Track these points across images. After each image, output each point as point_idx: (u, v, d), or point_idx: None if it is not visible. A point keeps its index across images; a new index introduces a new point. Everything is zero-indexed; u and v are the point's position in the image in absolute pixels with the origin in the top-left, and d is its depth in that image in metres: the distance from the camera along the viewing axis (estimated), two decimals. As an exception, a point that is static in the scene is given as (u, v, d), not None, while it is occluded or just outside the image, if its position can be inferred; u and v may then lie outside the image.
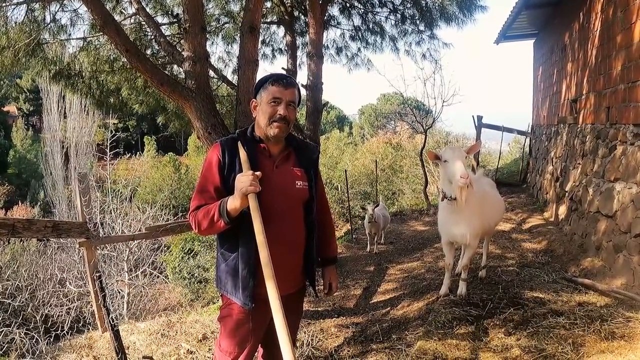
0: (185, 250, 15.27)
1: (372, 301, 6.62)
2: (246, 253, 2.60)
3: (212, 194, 2.62)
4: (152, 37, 7.79)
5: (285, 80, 2.69)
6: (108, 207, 9.57)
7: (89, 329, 6.45)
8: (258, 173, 2.45)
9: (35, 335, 5.98)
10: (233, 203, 2.44)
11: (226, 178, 2.62)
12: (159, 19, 8.60)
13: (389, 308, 6.07)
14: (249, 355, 2.82)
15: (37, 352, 5.66)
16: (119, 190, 10.84)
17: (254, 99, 2.75)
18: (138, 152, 38.44)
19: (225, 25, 10.27)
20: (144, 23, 7.60)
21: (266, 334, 2.81)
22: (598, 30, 6.74)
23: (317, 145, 3.12)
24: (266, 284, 2.28)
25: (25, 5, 6.75)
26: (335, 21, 11.02)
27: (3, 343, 6.07)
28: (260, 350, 3.07)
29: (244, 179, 2.41)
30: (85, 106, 22.35)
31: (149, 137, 44.86)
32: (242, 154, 2.61)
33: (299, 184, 2.75)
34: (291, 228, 2.73)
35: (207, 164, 2.70)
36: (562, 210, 7.82)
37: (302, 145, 2.89)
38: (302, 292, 3.06)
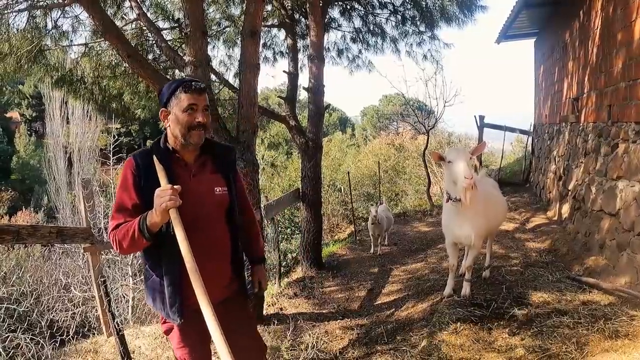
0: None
1: (377, 303, 6.64)
2: (170, 268, 2.55)
3: (131, 211, 2.54)
4: (154, 42, 7.80)
5: (198, 85, 2.61)
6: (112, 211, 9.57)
7: (94, 334, 6.46)
8: (177, 187, 2.39)
9: (41, 341, 5.99)
10: (153, 218, 2.37)
11: (143, 193, 2.53)
12: (160, 24, 8.62)
13: (393, 309, 6.09)
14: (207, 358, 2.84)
15: (43, 358, 5.67)
16: (122, 195, 10.83)
17: (163, 109, 2.64)
18: (141, 157, 38.37)
19: (226, 29, 10.29)
20: (145, 28, 7.62)
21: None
22: (598, 29, 6.74)
23: (233, 147, 3.03)
24: (195, 292, 2.23)
25: (26, 12, 6.76)
26: (336, 23, 11.05)
27: (9, 348, 6.09)
28: None
29: (163, 194, 2.35)
30: (87, 111, 22.38)
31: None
32: (159, 167, 2.55)
33: (218, 190, 2.70)
34: (215, 235, 2.69)
35: (122, 181, 2.60)
36: (566, 209, 7.82)
37: (218, 149, 2.82)
38: (242, 294, 2.95)
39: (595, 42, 6.91)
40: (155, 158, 2.57)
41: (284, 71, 9.58)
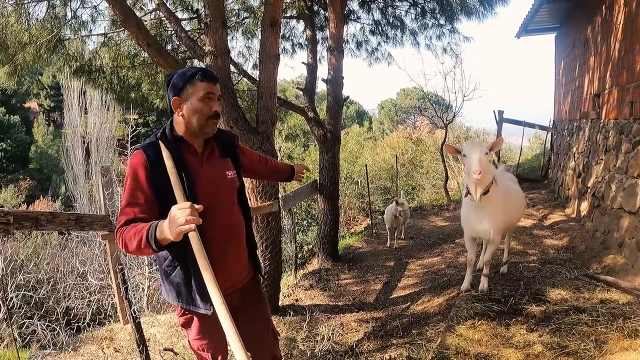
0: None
1: (392, 296, 6.62)
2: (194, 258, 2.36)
3: (143, 206, 2.40)
4: (173, 32, 7.83)
5: (212, 74, 2.59)
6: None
7: (109, 321, 6.52)
8: (199, 207, 2.11)
9: (57, 328, 6.06)
10: (163, 234, 2.14)
11: (157, 188, 2.43)
12: (179, 15, 8.64)
13: (409, 303, 6.08)
14: (225, 350, 2.85)
15: (59, 344, 5.73)
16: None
17: (176, 97, 2.53)
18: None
19: (245, 20, 10.28)
20: (164, 18, 7.64)
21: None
22: (621, 24, 6.65)
23: (234, 134, 3.01)
24: (209, 290, 2.11)
25: (46, 2, 6.80)
26: (355, 15, 11.00)
27: (25, 335, 6.16)
28: None
29: (180, 214, 2.05)
30: (105, 102, 22.54)
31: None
32: (168, 162, 2.46)
33: (229, 173, 2.72)
34: (231, 217, 2.73)
35: (132, 174, 2.45)
36: (584, 206, 7.74)
37: (220, 135, 2.80)
38: (258, 279, 3.02)
39: (617, 38, 6.82)
40: (164, 152, 2.49)
41: (303, 62, 9.54)
